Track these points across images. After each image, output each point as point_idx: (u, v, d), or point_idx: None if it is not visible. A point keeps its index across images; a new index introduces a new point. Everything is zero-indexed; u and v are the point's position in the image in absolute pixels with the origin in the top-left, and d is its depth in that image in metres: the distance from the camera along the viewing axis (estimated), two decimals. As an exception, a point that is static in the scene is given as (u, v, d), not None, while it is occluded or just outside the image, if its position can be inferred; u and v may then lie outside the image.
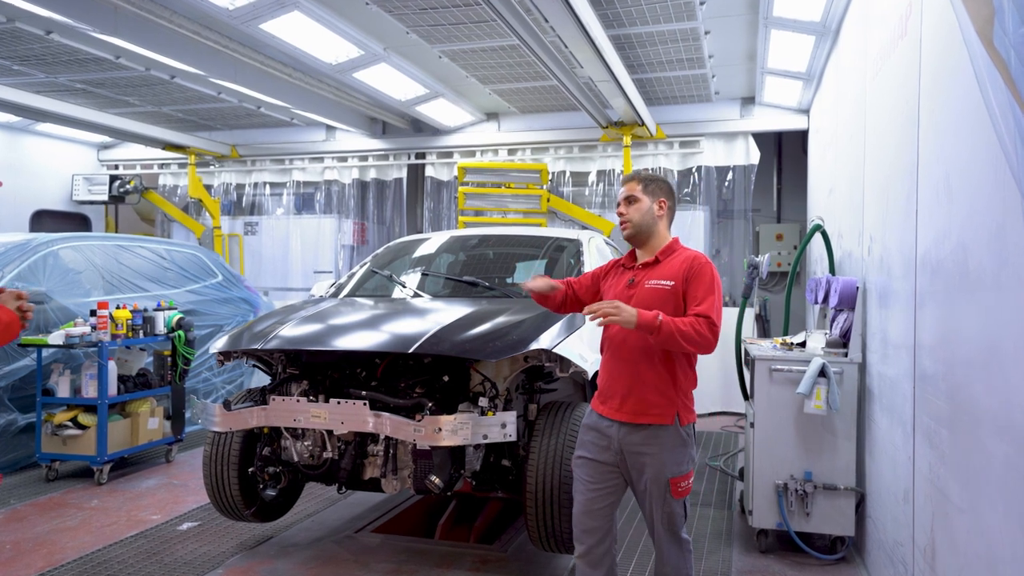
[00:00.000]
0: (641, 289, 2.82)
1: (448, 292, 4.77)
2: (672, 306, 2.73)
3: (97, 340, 5.27)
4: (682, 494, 2.80)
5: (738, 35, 6.18)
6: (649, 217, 2.88)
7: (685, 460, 2.78)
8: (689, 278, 2.73)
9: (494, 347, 3.38)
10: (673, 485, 2.76)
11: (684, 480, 2.79)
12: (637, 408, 2.76)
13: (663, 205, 2.90)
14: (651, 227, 2.88)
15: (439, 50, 6.42)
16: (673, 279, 2.75)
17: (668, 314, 2.66)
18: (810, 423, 3.94)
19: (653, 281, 2.80)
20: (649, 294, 2.79)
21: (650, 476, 2.77)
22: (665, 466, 2.75)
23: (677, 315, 2.69)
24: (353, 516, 4.75)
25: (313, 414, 3.33)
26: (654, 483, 2.77)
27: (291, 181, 9.94)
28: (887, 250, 3.40)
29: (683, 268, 2.76)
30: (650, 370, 2.75)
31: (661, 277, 2.79)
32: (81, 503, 4.89)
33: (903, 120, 3.11)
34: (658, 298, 2.75)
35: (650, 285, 2.79)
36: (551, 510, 3.48)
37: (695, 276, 2.72)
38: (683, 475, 2.78)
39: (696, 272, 2.73)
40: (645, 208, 2.87)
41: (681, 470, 2.77)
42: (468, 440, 3.19)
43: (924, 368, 2.75)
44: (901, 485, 3.04)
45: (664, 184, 2.93)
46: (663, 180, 2.95)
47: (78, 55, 6.50)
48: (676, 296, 2.74)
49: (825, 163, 6.18)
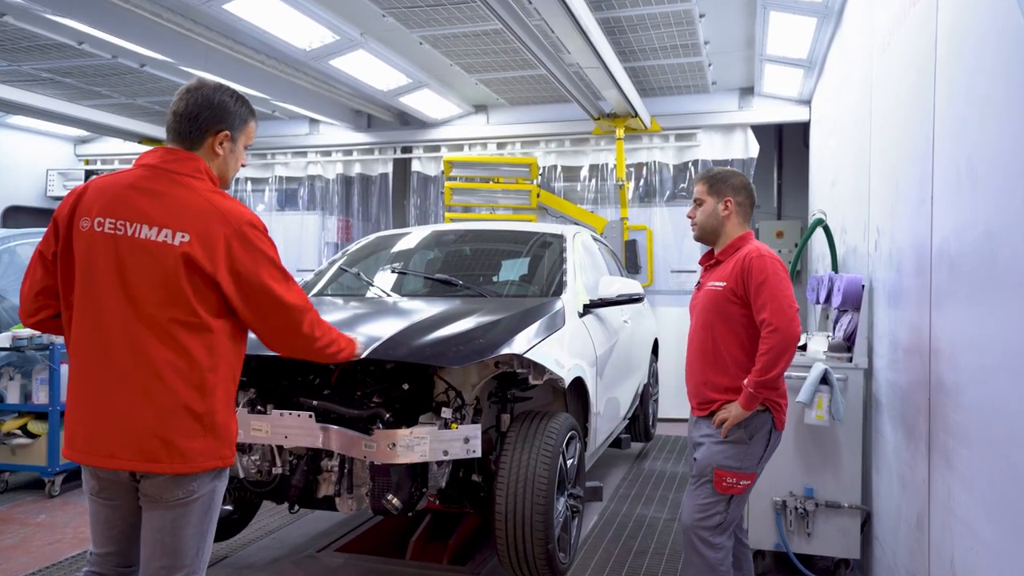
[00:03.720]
0: (703, 292, 2.82)
1: (423, 291, 4.44)
2: (727, 309, 2.69)
3: (49, 342, 4.93)
4: (726, 490, 2.64)
5: (735, 18, 5.83)
6: (714, 219, 2.84)
7: (740, 455, 2.67)
8: (745, 280, 2.65)
9: (458, 352, 3.03)
10: (717, 477, 2.63)
11: (732, 476, 2.63)
12: (702, 404, 2.81)
13: (729, 204, 2.82)
14: (716, 228, 2.85)
15: (419, 35, 6.07)
16: (726, 280, 2.71)
17: (725, 318, 2.69)
18: (811, 435, 3.58)
19: (711, 283, 2.78)
20: (706, 298, 2.78)
21: (700, 462, 2.72)
22: (715, 455, 2.68)
23: (736, 320, 2.69)
24: (318, 532, 4.41)
25: (254, 427, 2.99)
26: (701, 469, 2.70)
27: (273, 176, 9.60)
28: (897, 244, 3.05)
29: (736, 268, 2.69)
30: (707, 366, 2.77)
31: (718, 278, 2.76)
32: (27, 518, 4.55)
33: (915, 97, 2.76)
34: (713, 301, 2.74)
35: (708, 288, 2.78)
36: (522, 532, 3.14)
37: (748, 276, 2.64)
38: (734, 471, 2.65)
39: (747, 272, 2.65)
40: (710, 209, 2.85)
41: (731, 464, 2.66)
42: (426, 457, 2.85)
43: (941, 376, 2.39)
44: (914, 509, 2.69)
45: (733, 180, 2.85)
46: (732, 176, 2.87)
47: (38, 41, 6.15)
48: (730, 299, 2.68)
49: (827, 154, 5.84)
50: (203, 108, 2.09)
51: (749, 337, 2.69)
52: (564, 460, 3.38)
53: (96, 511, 2.11)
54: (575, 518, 3.64)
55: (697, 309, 2.83)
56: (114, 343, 1.97)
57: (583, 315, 4.18)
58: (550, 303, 3.96)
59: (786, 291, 2.60)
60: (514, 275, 4.64)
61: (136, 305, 1.97)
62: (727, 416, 2.65)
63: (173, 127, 2.11)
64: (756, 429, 2.70)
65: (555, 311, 3.85)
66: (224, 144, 2.13)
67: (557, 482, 3.26)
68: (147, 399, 1.95)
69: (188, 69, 6.64)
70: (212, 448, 2.01)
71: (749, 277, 2.62)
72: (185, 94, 2.11)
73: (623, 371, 4.97)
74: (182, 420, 1.96)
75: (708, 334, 2.75)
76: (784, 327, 2.54)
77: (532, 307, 3.81)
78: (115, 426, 1.96)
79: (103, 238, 2.01)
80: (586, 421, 3.93)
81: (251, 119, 2.21)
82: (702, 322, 2.78)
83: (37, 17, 5.46)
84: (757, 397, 2.61)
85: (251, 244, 2.03)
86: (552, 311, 3.82)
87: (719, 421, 2.68)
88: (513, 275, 4.64)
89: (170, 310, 1.96)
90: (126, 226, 2.00)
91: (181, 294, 1.97)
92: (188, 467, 1.97)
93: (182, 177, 2.05)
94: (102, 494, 2.08)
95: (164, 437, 1.94)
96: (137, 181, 2.06)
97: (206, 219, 2.00)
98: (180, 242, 1.97)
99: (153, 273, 1.97)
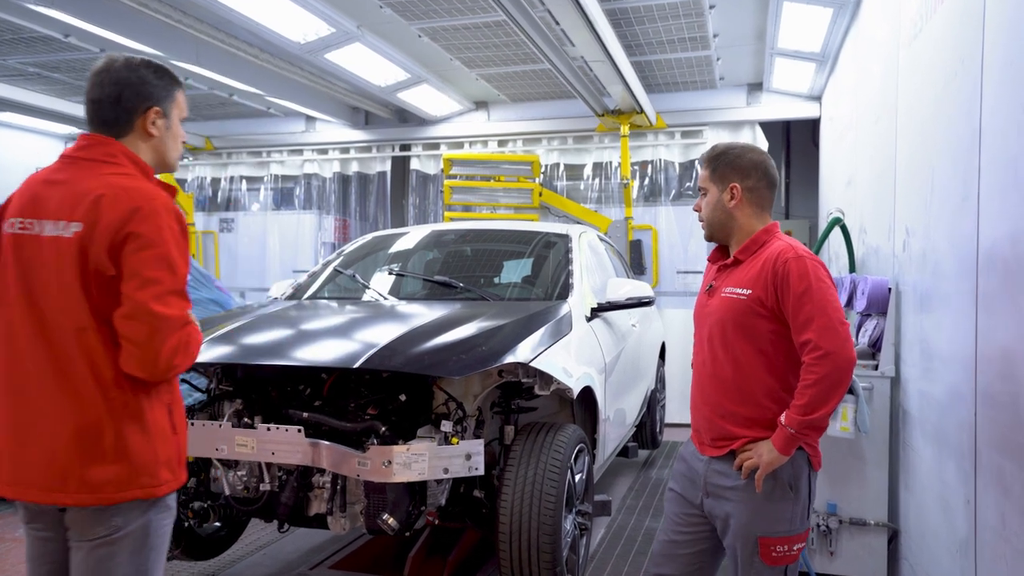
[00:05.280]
0: (717, 299, 2.24)
1: (422, 294, 4.22)
2: (752, 324, 2.13)
3: (30, 347, 4.70)
4: (778, 561, 2.12)
5: (746, 9, 5.61)
6: (720, 211, 2.25)
7: (788, 515, 2.13)
8: (778, 287, 2.09)
9: (459, 361, 2.82)
10: (764, 548, 2.11)
11: (783, 543, 2.12)
12: (717, 439, 2.22)
13: (735, 191, 2.22)
14: (726, 222, 2.26)
15: (418, 28, 5.85)
16: (751, 286, 2.13)
17: (750, 336, 2.13)
18: (834, 447, 3.37)
19: (728, 289, 2.20)
20: (721, 306, 2.20)
21: (735, 529, 2.15)
22: (757, 520, 2.12)
23: (764, 338, 2.13)
24: (311, 548, 4.19)
25: (239, 442, 2.77)
26: (739, 539, 2.15)
27: (269, 175, 9.37)
28: (932, 245, 2.84)
29: (764, 272, 2.11)
30: (725, 393, 2.19)
31: (737, 284, 2.18)
32: (4, 533, 4.33)
33: (956, 88, 2.55)
34: (732, 313, 2.16)
35: (725, 294, 2.21)
36: (527, 554, 2.92)
37: (783, 284, 2.07)
38: (783, 536, 2.12)
39: (783, 278, 2.07)
40: (714, 200, 2.26)
41: (779, 529, 2.12)
42: (425, 475, 2.63)
43: (991, 389, 2.18)
44: (957, 534, 2.48)
45: (740, 160, 2.24)
46: (740, 153, 2.26)
47: (23, 33, 5.93)
48: (757, 311, 2.12)
49: (841, 152, 5.62)
50: (124, 87, 1.85)
51: (782, 359, 2.14)
52: (572, 475, 3.17)
53: (29, 543, 1.89)
54: (583, 536, 3.42)
55: (709, 321, 2.24)
56: (20, 358, 1.76)
57: (590, 319, 3.96)
58: (556, 307, 3.74)
59: (835, 303, 2.06)
60: (517, 277, 4.43)
61: (38, 313, 1.75)
62: (755, 462, 2.09)
63: (95, 116, 1.87)
64: (797, 476, 2.13)
65: (561, 315, 3.63)
66: (157, 122, 1.89)
67: (565, 499, 3.05)
68: (50, 421, 1.73)
69: (179, 63, 6.41)
70: (125, 476, 1.74)
71: (785, 285, 2.06)
72: (97, 76, 1.86)
73: (632, 378, 4.76)
74: (87, 444, 1.73)
75: (728, 355, 2.17)
76: (837, 351, 1.99)
77: (537, 311, 3.60)
78: (24, 452, 1.75)
79: (12, 240, 1.82)
80: (594, 432, 3.72)
81: (177, 89, 1.95)
82: (719, 339, 2.19)
83: (20, 7, 5.24)
84: (798, 439, 2.05)
85: (141, 234, 1.73)
86: (558, 315, 3.61)
87: (746, 469, 2.11)
88: (516, 277, 4.43)
89: (72, 316, 1.73)
90: (32, 224, 1.79)
91: (79, 295, 1.73)
92: (96, 498, 1.73)
93: (90, 163, 1.82)
94: (32, 524, 1.86)
95: (66, 463, 1.71)
96: (50, 174, 1.85)
97: (102, 204, 1.74)
98: (73, 233, 1.74)
99: (50, 274, 1.75)
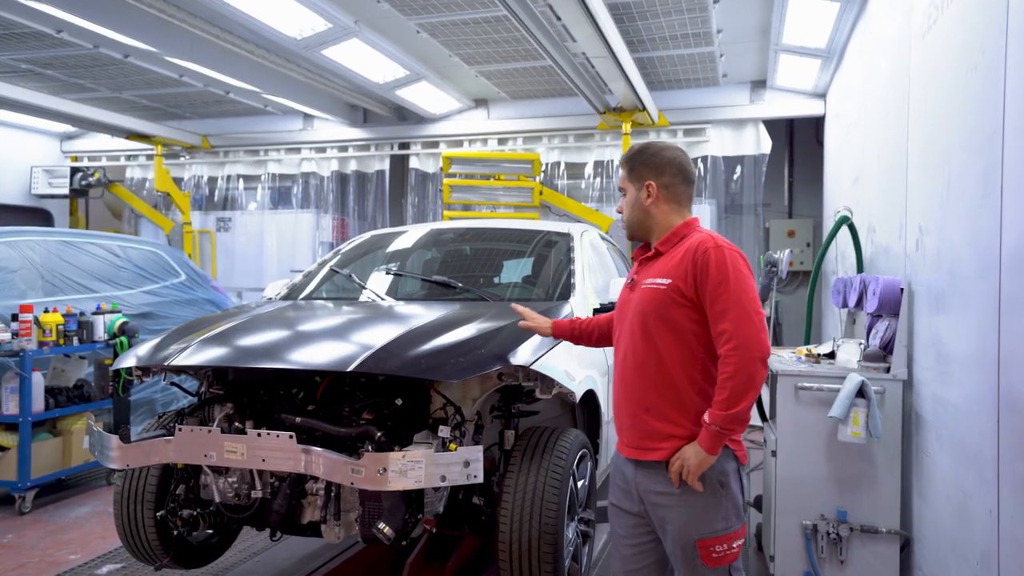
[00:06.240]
0: (638, 292, 2.25)
1: (420, 294, 4.11)
2: (672, 314, 2.13)
3: (19, 348, 4.60)
4: (719, 562, 2.10)
5: (751, 5, 5.52)
6: (638, 209, 2.29)
7: (721, 513, 2.12)
8: (696, 276, 2.10)
9: (457, 364, 2.71)
10: (703, 550, 2.09)
11: (722, 542, 2.10)
12: (643, 439, 2.19)
13: (651, 188, 2.25)
14: (644, 220, 2.29)
15: (416, 23, 5.75)
16: (670, 276, 2.15)
17: (671, 326, 2.13)
18: (844, 452, 3.26)
19: (648, 280, 2.22)
20: (643, 297, 2.21)
21: (672, 535, 2.14)
22: (691, 523, 2.11)
23: (685, 328, 2.12)
24: (306, 554, 4.08)
25: (228, 449, 2.66)
26: (677, 545, 2.12)
27: (266, 174, 9.28)
28: (948, 244, 2.73)
29: (684, 262, 2.13)
30: (648, 386, 2.18)
31: (657, 274, 2.19)
32: (-6, 537, 4.23)
33: (977, 78, 2.45)
34: (652, 304, 2.16)
35: (646, 286, 2.22)
36: (528, 564, 2.81)
37: (702, 274, 2.09)
38: (721, 535, 2.10)
39: (702, 268, 2.09)
40: (632, 199, 2.31)
41: (716, 528, 2.10)
42: (421, 483, 2.52)
43: (1015, 394, 2.08)
44: (976, 544, 2.37)
45: (655, 158, 2.27)
46: (652, 151, 2.29)
47: (14, 29, 5.83)
48: (676, 300, 2.12)
49: (848, 149, 5.52)
50: None
51: (702, 349, 2.13)
52: (575, 481, 3.07)
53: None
54: (586, 544, 3.32)
55: (631, 314, 2.23)
56: None
57: (593, 320, 3.85)
58: (557, 307, 3.64)
59: (751, 294, 2.06)
60: (517, 277, 4.32)
61: None
62: (685, 466, 2.07)
63: None
64: (725, 472, 2.12)
65: (563, 316, 3.52)
66: None
67: (567, 506, 2.95)
68: None
69: (174, 60, 6.33)
70: None
71: (704, 275, 2.07)
72: None
73: (634, 379, 4.64)
74: None
75: (649, 346, 2.16)
76: (751, 341, 2.00)
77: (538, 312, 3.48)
78: None
79: None
80: (597, 436, 3.61)
81: None
82: (640, 331, 2.19)
83: (10, 2, 5.15)
84: (724, 436, 2.03)
85: None
86: (559, 316, 3.50)
87: (675, 475, 2.10)
88: (516, 277, 4.32)
89: None
90: None
91: None
92: None
93: None
94: None
95: None
96: None
97: None
98: None
99: None
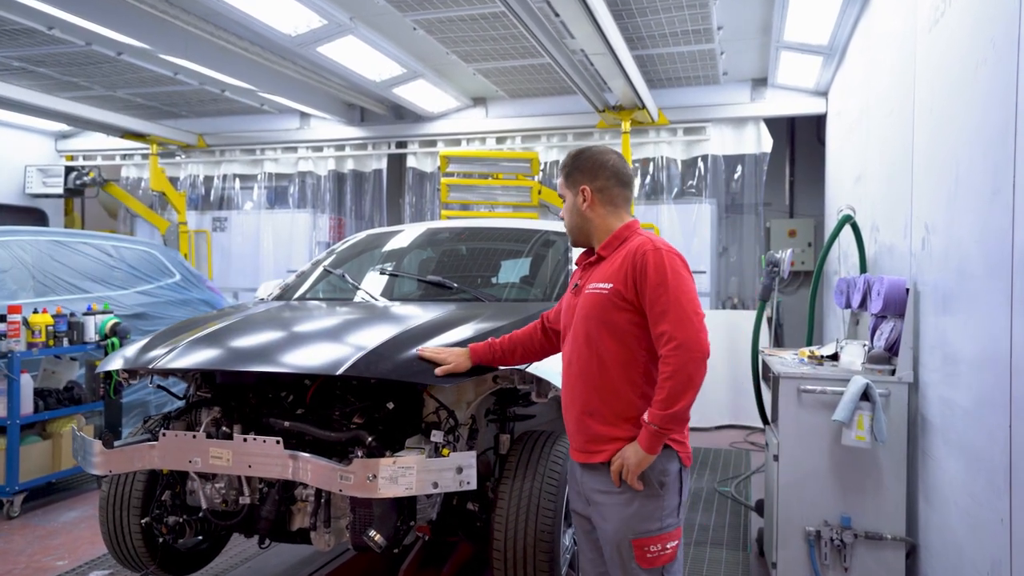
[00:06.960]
0: (582, 296, 2.27)
1: (415, 295, 4.04)
2: (614, 318, 2.15)
3: (7, 350, 4.52)
4: (654, 563, 2.11)
5: (752, 1, 5.43)
6: (576, 215, 2.31)
7: (657, 513, 2.13)
8: (636, 279, 2.13)
9: (451, 367, 2.63)
10: (638, 550, 2.10)
11: (656, 542, 2.10)
12: (587, 443, 2.22)
13: (585, 193, 2.27)
14: (583, 225, 2.31)
15: (412, 20, 5.67)
16: (612, 280, 2.18)
17: (612, 330, 2.15)
18: (848, 457, 3.19)
19: (591, 285, 2.24)
20: (586, 302, 2.24)
21: (608, 535, 2.17)
22: (626, 521, 2.12)
23: (627, 331, 2.15)
24: (298, 560, 4.01)
25: (213, 454, 2.58)
26: (612, 545, 2.16)
27: (263, 173, 9.20)
28: (956, 242, 2.65)
29: (624, 266, 2.16)
30: (591, 390, 2.20)
31: (600, 279, 2.22)
32: (-20, 542, 4.15)
33: (987, 72, 2.37)
34: (595, 308, 2.19)
35: (589, 291, 2.25)
36: (524, 571, 2.75)
37: (641, 276, 2.12)
38: (656, 535, 2.11)
39: (641, 270, 2.12)
40: (569, 205, 2.33)
41: (650, 527, 2.12)
42: (412, 490, 2.44)
43: (1027, 401, 2.00)
44: (986, 552, 2.30)
45: (586, 162, 2.30)
46: (586, 156, 2.32)
47: (5, 25, 5.75)
48: (617, 303, 2.15)
49: (850, 147, 5.44)
50: None
51: (644, 352, 2.15)
52: (571, 487, 2.99)
53: None
54: (583, 550, 3.24)
55: (575, 319, 2.25)
56: None
57: (591, 321, 3.77)
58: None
59: (690, 295, 2.09)
60: (514, 277, 4.24)
61: None
62: (625, 465, 2.09)
63: None
64: (665, 472, 2.12)
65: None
66: None
67: (564, 512, 2.87)
68: None
69: (167, 57, 6.25)
70: None
71: (643, 277, 2.09)
72: None
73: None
74: None
75: (592, 351, 2.18)
76: (690, 342, 2.02)
77: (535, 313, 3.40)
78: None
79: None
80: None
81: None
82: (583, 336, 2.20)
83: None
84: (663, 435, 2.06)
85: None
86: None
87: (614, 474, 2.12)
88: (513, 277, 4.24)
89: None
90: None
91: None
92: None
93: None
94: None
95: None
96: None
97: None
98: None
99: None
